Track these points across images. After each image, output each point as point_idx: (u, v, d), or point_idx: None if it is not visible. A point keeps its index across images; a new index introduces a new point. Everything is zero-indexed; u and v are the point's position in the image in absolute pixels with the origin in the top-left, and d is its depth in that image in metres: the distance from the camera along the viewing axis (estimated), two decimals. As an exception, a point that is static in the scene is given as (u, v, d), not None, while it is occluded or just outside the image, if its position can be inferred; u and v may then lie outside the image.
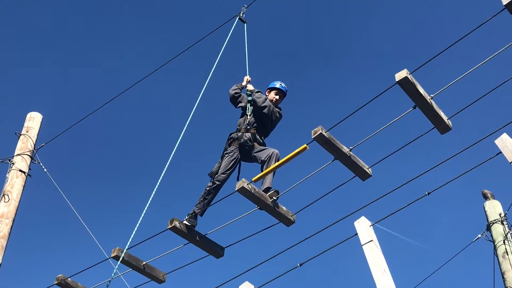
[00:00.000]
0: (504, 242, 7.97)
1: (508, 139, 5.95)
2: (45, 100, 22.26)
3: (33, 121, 8.90)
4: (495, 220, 8.23)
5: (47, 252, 22.54)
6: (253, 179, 6.27)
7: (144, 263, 7.29)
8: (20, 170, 8.35)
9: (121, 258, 6.84)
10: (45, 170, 8.66)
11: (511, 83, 5.55)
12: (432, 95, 5.62)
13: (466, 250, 8.73)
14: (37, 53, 23.67)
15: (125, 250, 6.82)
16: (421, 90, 5.51)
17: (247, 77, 7.51)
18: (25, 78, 23.42)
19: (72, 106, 23.17)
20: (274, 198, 6.35)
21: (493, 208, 8.40)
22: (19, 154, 8.47)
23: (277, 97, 7.35)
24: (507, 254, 7.86)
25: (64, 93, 23.89)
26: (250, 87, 7.40)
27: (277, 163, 6.32)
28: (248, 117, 7.12)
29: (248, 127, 7.04)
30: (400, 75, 5.36)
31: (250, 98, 7.28)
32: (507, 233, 8.05)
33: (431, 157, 19.17)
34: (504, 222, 8.18)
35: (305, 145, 5.85)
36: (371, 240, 6.34)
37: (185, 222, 6.73)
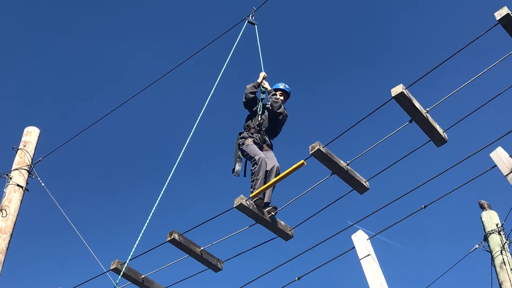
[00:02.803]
0: (501, 252, 7.97)
1: (503, 152, 5.97)
2: (43, 114, 22.29)
3: (31, 135, 8.90)
4: (492, 230, 8.23)
5: (45, 266, 22.54)
6: (251, 195, 6.30)
7: (143, 276, 7.29)
8: (18, 185, 8.35)
9: (122, 271, 6.85)
10: (42, 184, 8.66)
11: (505, 96, 5.60)
12: (427, 109, 5.65)
13: (463, 261, 8.74)
14: (34, 68, 23.69)
15: (126, 263, 6.81)
16: (417, 105, 5.54)
17: (263, 73, 7.48)
18: (23, 93, 23.44)
19: (69, 120, 23.19)
20: (272, 213, 6.37)
21: (490, 219, 8.41)
22: (16, 169, 8.47)
23: (282, 98, 7.43)
24: (505, 265, 7.86)
25: (61, 107, 23.91)
26: (266, 84, 7.40)
27: (274, 179, 6.35)
28: (259, 117, 7.16)
29: (259, 129, 7.10)
30: (396, 90, 5.39)
31: (263, 96, 7.30)
32: (504, 244, 8.05)
33: (428, 169, 19.25)
34: (501, 232, 8.17)
35: (302, 161, 5.88)
36: (369, 254, 6.36)
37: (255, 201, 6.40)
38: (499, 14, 5.17)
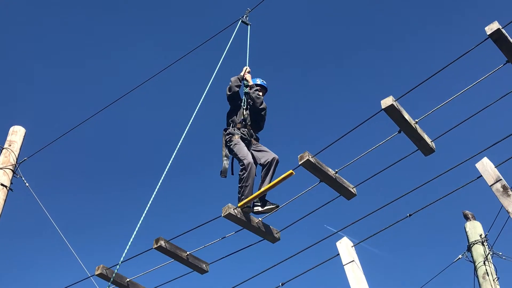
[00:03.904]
0: (484, 263, 8.05)
1: (489, 163, 6.00)
2: (29, 114, 22.12)
3: (16, 135, 8.85)
4: (475, 241, 8.31)
5: (27, 268, 22.31)
6: (239, 204, 6.29)
7: (128, 280, 7.27)
8: (2, 184, 8.29)
9: (112, 279, 6.84)
10: (27, 184, 8.61)
11: (492, 108, 5.67)
12: (416, 120, 5.70)
13: (447, 271, 8.81)
14: (20, 66, 23.48)
15: (115, 271, 6.79)
16: (406, 116, 5.58)
17: (246, 68, 7.49)
18: (9, 92, 23.23)
19: (55, 120, 23.02)
20: (272, 211, 6.41)
21: (474, 229, 8.48)
22: (1, 168, 8.40)
23: (260, 93, 7.45)
24: (487, 275, 7.94)
25: (47, 107, 23.72)
26: (249, 78, 7.41)
27: (263, 188, 6.35)
28: (244, 112, 7.16)
29: (244, 123, 7.10)
30: (386, 102, 5.41)
31: (246, 90, 7.31)
32: (488, 254, 8.13)
33: (415, 178, 19.36)
34: (484, 243, 8.25)
35: (291, 171, 5.90)
36: (353, 260, 6.38)
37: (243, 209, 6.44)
38: (490, 29, 5.20)
